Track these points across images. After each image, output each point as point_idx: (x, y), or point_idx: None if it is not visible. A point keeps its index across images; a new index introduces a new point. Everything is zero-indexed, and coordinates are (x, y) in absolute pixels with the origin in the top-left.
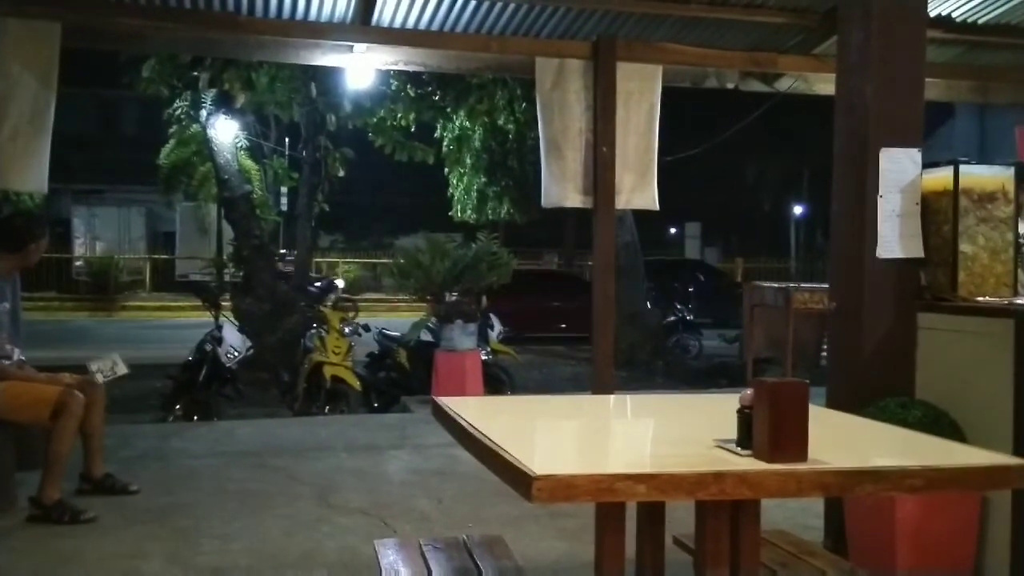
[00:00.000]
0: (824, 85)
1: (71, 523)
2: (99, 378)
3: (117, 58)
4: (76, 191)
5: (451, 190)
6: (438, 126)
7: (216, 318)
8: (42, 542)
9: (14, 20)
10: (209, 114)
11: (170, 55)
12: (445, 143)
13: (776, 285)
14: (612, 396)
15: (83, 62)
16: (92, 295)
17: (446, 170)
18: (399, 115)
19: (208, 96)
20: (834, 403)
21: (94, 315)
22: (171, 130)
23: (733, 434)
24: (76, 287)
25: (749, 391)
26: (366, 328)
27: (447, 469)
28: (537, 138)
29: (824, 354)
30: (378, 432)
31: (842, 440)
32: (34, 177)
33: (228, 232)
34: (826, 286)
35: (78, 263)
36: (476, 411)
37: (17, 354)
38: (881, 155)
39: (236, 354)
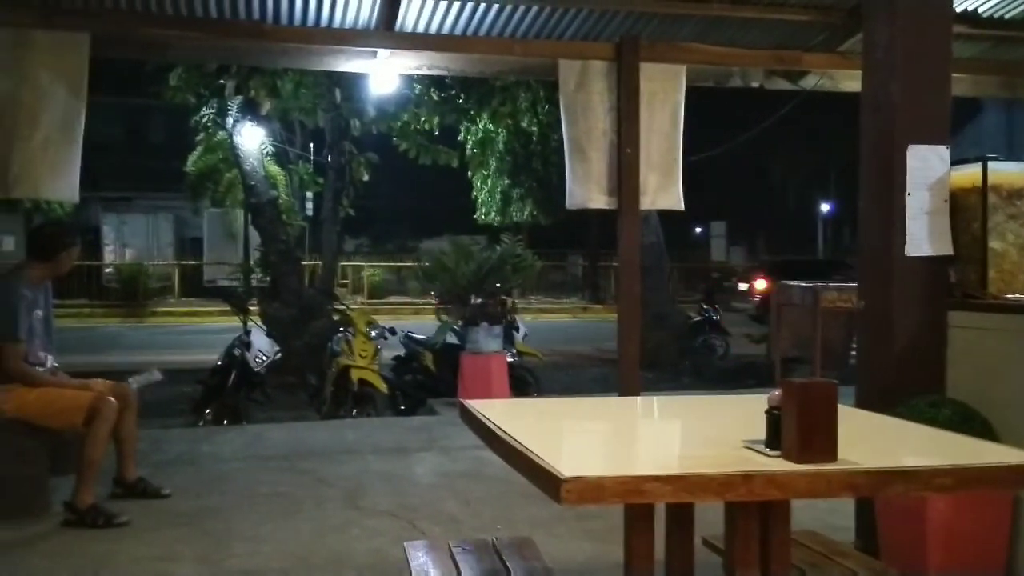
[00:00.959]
0: (850, 82)
1: (105, 527)
2: (133, 385)
3: (144, 67)
4: (105, 199)
5: (475, 193)
6: (461, 129)
7: (244, 323)
8: (77, 545)
9: (43, 32)
10: (235, 121)
11: (196, 64)
12: (469, 146)
13: (804, 284)
14: (639, 397)
15: (111, 71)
16: (122, 301)
17: (470, 173)
18: (423, 119)
19: (234, 103)
20: (863, 403)
21: (124, 321)
22: (198, 137)
23: (761, 435)
24: (106, 294)
25: (777, 391)
26: (392, 331)
27: (474, 471)
28: (560, 139)
29: (853, 353)
30: (405, 435)
31: (872, 440)
32: (65, 186)
33: (255, 238)
34: (854, 285)
35: (108, 270)
36: (503, 413)
37: (50, 361)
38: (908, 152)
39: (264, 358)
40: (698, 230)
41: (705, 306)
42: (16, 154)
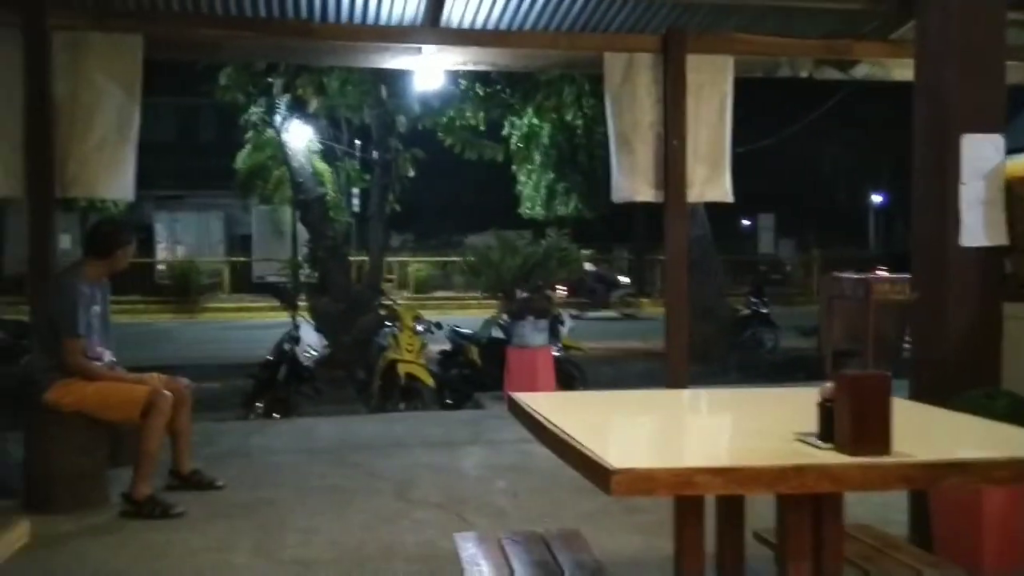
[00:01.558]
0: (902, 71)
1: (162, 517)
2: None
3: (195, 67)
4: (157, 197)
5: (520, 187)
6: (506, 124)
7: (293, 318)
8: (135, 536)
9: (98, 34)
10: (283, 119)
11: (245, 63)
12: (513, 140)
13: (855, 276)
14: (687, 390)
15: (162, 71)
16: (174, 298)
17: (514, 167)
18: (468, 114)
19: (282, 102)
20: (917, 395)
21: (177, 317)
22: (247, 136)
23: (813, 427)
24: (159, 290)
25: (830, 384)
26: (438, 326)
27: (521, 464)
28: (605, 133)
29: (906, 346)
30: (452, 428)
31: (926, 432)
32: (120, 185)
33: (303, 234)
34: (907, 276)
35: (160, 267)
36: (551, 406)
37: (108, 356)
38: (963, 142)
39: (313, 353)
40: (746, 222)
41: (754, 299)
42: (73, 154)
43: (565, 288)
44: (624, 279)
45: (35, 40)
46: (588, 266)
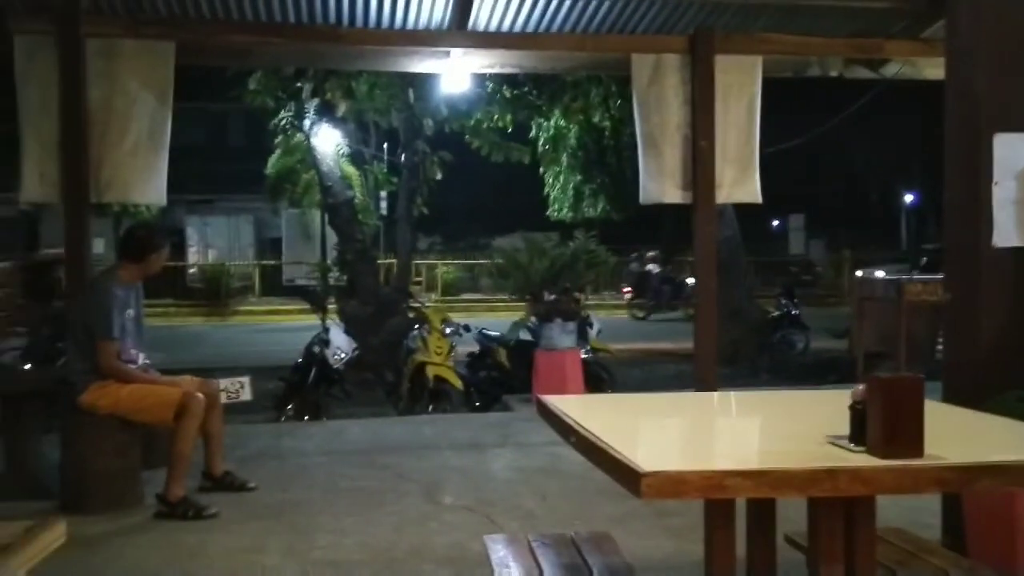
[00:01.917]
0: (934, 70)
1: (195, 519)
2: (223, 397)
3: (225, 73)
4: (188, 201)
5: (547, 189)
6: (533, 126)
7: (323, 321)
8: (169, 536)
9: (131, 41)
10: (312, 123)
11: (275, 68)
12: (541, 142)
13: (887, 277)
14: (717, 393)
15: (192, 77)
16: (205, 301)
17: (542, 169)
18: (495, 117)
19: (311, 106)
20: (951, 398)
21: (208, 320)
22: (276, 140)
23: (845, 430)
24: (191, 293)
25: (862, 386)
26: (467, 328)
27: (550, 467)
28: (633, 134)
29: (939, 348)
30: (481, 430)
31: (959, 435)
32: (153, 190)
33: (332, 237)
34: (939, 277)
35: (192, 270)
36: (581, 409)
37: (142, 359)
38: (995, 141)
39: (343, 356)
40: (776, 223)
41: (784, 300)
42: (107, 160)
43: (629, 289)
44: (692, 281)
45: (69, 47)
46: (653, 267)
